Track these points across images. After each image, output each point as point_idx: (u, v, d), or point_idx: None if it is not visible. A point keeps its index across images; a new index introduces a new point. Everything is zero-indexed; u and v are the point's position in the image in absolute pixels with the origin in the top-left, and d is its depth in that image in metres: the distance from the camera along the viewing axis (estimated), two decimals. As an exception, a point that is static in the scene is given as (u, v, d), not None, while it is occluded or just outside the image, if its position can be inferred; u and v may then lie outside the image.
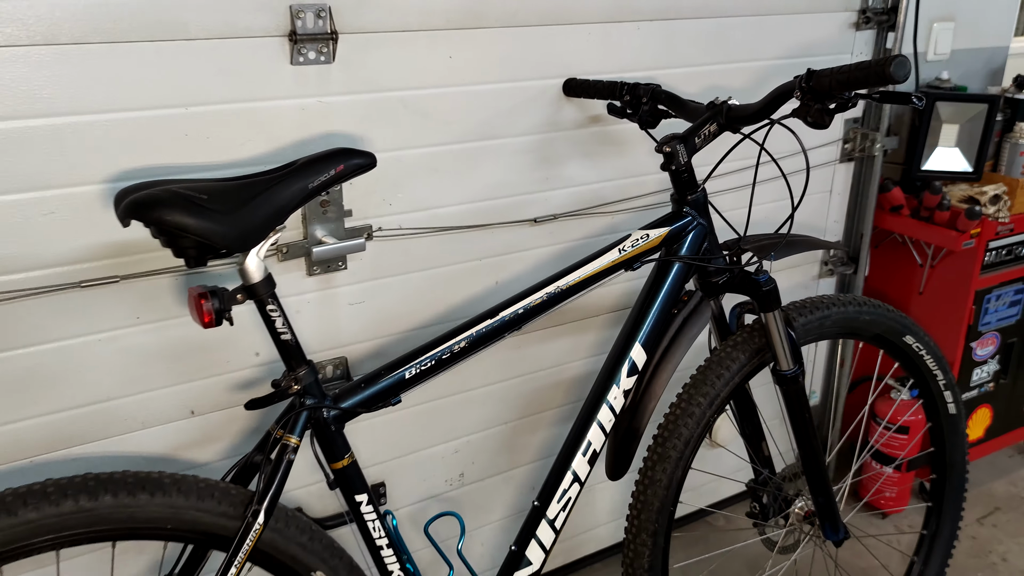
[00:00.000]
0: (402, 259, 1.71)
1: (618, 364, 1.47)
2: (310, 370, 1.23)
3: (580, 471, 1.46)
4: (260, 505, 1.17)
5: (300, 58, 1.46)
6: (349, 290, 1.67)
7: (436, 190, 1.70)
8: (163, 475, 1.16)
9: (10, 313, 1.36)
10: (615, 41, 1.81)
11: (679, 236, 1.49)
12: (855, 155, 2.32)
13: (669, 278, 1.49)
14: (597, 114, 1.84)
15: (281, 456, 1.20)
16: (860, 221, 2.38)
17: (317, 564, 1.26)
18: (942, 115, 2.31)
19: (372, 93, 1.56)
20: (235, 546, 1.16)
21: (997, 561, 2.33)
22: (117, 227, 1.38)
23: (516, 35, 1.68)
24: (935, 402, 1.88)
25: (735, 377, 1.57)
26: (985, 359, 2.45)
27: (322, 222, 1.58)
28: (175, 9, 1.33)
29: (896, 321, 1.76)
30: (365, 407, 1.27)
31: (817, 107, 1.30)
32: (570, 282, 1.41)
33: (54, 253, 1.37)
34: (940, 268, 2.37)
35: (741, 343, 1.58)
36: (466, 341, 1.34)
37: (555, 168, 1.84)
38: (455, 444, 1.93)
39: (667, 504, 1.54)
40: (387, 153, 1.61)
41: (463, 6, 1.60)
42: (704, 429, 1.56)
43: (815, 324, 1.64)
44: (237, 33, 1.40)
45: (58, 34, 1.27)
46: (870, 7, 2.18)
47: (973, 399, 2.49)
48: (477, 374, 1.90)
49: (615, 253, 1.44)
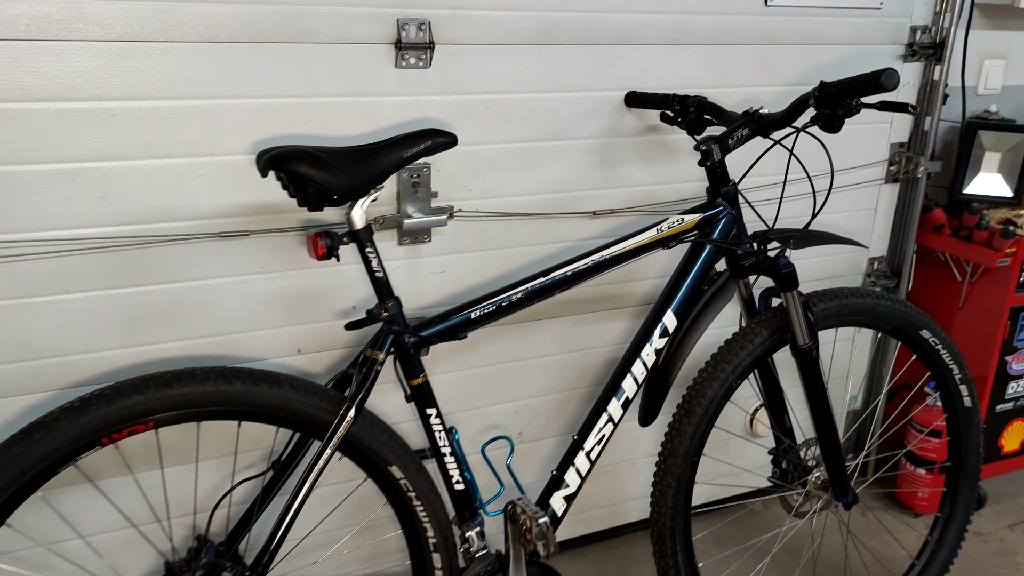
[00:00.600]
0: (478, 238, 2.01)
1: (653, 326, 1.74)
2: (396, 303, 1.54)
3: (614, 413, 1.73)
4: (352, 404, 1.48)
5: (403, 63, 1.80)
6: (432, 260, 1.98)
7: (509, 181, 2.01)
8: (280, 373, 1.49)
9: (164, 254, 1.72)
10: (673, 61, 2.09)
11: (711, 222, 1.76)
12: (900, 177, 2.53)
13: (701, 258, 1.76)
14: (655, 124, 2.12)
15: (370, 368, 1.51)
16: (904, 239, 2.58)
17: (393, 460, 1.56)
18: (985, 143, 2.50)
19: (460, 95, 1.88)
20: (329, 434, 1.48)
21: (1021, 562, 2.47)
22: (251, 190, 1.73)
23: (585, 52, 1.98)
24: (951, 394, 2.07)
25: (757, 349, 1.81)
26: (1021, 373, 2.60)
27: (412, 200, 1.90)
28: (307, 18, 1.68)
29: (913, 316, 1.97)
30: (438, 337, 1.58)
31: (827, 113, 1.56)
32: (612, 253, 1.69)
33: (201, 208, 1.72)
34: (978, 285, 2.54)
35: (765, 321, 1.83)
36: (522, 293, 1.63)
37: (614, 169, 2.12)
38: (516, 405, 2.22)
39: (691, 453, 1.79)
40: (469, 146, 1.93)
41: (540, 26, 1.91)
42: (727, 392, 1.80)
43: (834, 310, 1.87)
44: (353, 39, 1.74)
45: (217, 33, 1.63)
46: (917, 41, 2.40)
47: (1008, 411, 2.64)
48: (538, 345, 2.19)
49: (653, 232, 1.72)
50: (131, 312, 1.73)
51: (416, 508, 1.60)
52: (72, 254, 1.65)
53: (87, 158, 1.61)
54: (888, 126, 2.47)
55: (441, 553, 1.64)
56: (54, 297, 1.66)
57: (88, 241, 1.65)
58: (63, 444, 1.36)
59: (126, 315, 1.72)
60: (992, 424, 2.63)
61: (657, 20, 2.04)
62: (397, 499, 1.60)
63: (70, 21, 1.52)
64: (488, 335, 2.10)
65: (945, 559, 2.14)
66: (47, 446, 1.35)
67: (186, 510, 1.85)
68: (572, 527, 2.45)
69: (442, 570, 1.64)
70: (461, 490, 1.63)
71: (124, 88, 1.59)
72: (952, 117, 2.61)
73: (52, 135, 1.57)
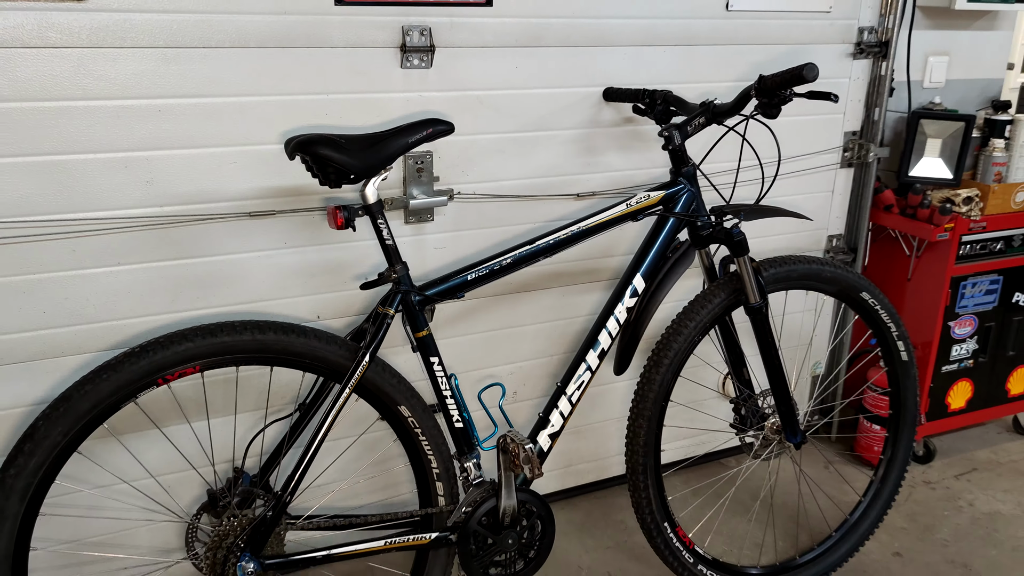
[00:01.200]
0: (476, 217, 2.29)
1: (624, 288, 2.02)
2: (404, 267, 1.82)
3: (592, 363, 2.00)
4: (366, 351, 1.76)
5: (407, 64, 2.07)
6: (434, 237, 2.26)
7: (502, 167, 2.28)
8: (306, 326, 1.77)
9: (201, 231, 2.00)
10: (645, 60, 2.37)
11: (673, 198, 2.04)
12: (854, 162, 2.81)
13: (665, 229, 2.04)
14: (630, 116, 2.40)
15: (381, 322, 1.78)
16: (858, 218, 2.86)
17: (402, 400, 1.84)
18: (927, 131, 2.79)
19: (457, 91, 2.16)
20: (347, 377, 1.75)
21: (964, 505, 2.75)
22: (276, 175, 2.01)
23: (568, 53, 2.26)
24: (890, 350, 2.35)
25: (716, 308, 2.09)
26: (963, 338, 2.88)
27: (417, 184, 2.18)
28: (323, 26, 1.96)
29: (854, 280, 2.24)
30: (440, 296, 1.85)
31: (766, 102, 1.84)
32: (588, 224, 1.97)
33: (233, 191, 2.00)
34: (924, 258, 2.82)
35: (722, 284, 2.11)
36: (511, 259, 1.91)
37: (595, 156, 2.40)
38: (511, 367, 2.49)
39: (659, 398, 2.07)
40: (466, 136, 2.20)
41: (527, 31, 2.18)
42: (690, 346, 2.08)
43: (783, 274, 2.15)
44: (365, 44, 2.02)
45: (247, 39, 1.91)
46: (864, 41, 2.68)
47: (953, 372, 2.92)
48: (530, 314, 2.46)
49: (623, 206, 2.00)
50: (173, 282, 2.00)
51: (422, 443, 1.88)
52: (123, 231, 1.92)
53: (137, 148, 1.88)
54: (842, 116, 2.75)
55: (443, 482, 1.92)
56: (107, 268, 1.94)
57: (137, 220, 1.93)
58: (125, 383, 1.63)
59: (169, 284, 2.00)
60: (939, 384, 2.91)
61: (631, 24, 2.32)
62: (405, 436, 1.88)
63: (123, 31, 1.79)
64: (485, 305, 2.38)
65: (888, 495, 2.42)
66: (113, 384, 1.62)
67: (225, 449, 2.13)
68: (563, 479, 2.73)
69: (444, 496, 1.92)
70: (460, 428, 1.91)
71: (169, 87, 1.87)
72: (900, 108, 2.89)
73: (108, 128, 1.84)
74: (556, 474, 2.70)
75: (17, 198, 1.81)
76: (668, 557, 2.17)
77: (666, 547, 2.15)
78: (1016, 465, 3.00)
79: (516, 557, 1.95)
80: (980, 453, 3.07)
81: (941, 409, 2.96)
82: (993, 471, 2.95)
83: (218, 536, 1.71)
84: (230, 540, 1.70)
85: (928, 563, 2.48)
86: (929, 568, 2.45)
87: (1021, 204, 2.79)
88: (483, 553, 1.91)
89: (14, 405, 1.92)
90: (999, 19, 3.01)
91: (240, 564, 1.68)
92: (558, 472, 2.71)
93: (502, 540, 1.91)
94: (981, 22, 2.98)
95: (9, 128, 1.76)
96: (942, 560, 2.49)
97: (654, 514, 2.12)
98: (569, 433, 2.67)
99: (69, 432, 1.58)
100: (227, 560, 1.69)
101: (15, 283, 1.85)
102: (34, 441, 1.55)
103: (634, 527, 2.57)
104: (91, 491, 2.03)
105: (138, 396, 1.67)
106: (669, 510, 2.16)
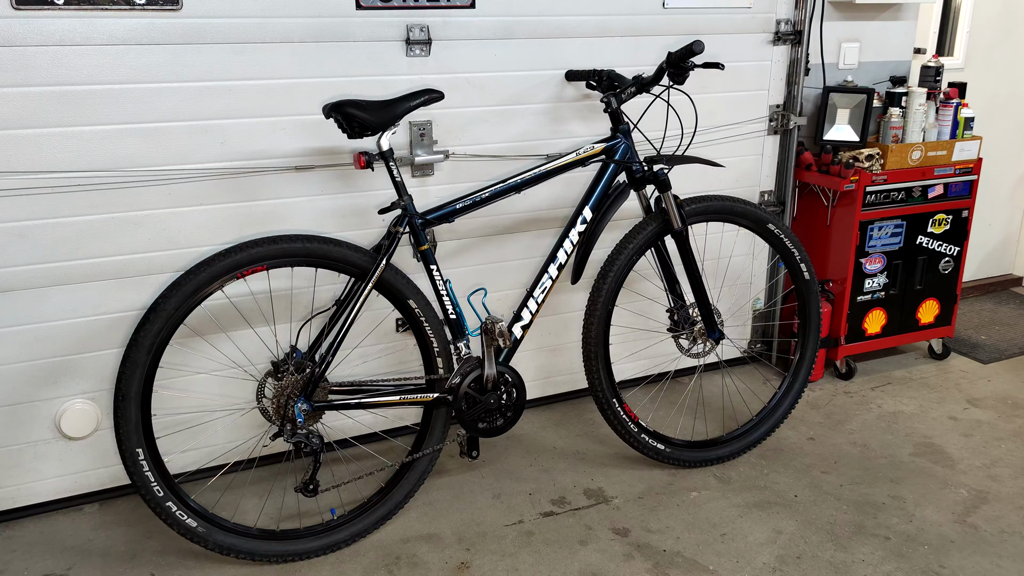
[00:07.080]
0: (468, 173, 2.96)
1: (576, 217, 2.68)
2: (410, 198, 2.48)
3: (552, 273, 2.67)
4: (383, 258, 2.43)
5: (411, 53, 2.76)
6: (437, 188, 2.94)
7: (487, 133, 2.95)
8: (341, 239, 2.44)
9: (261, 180, 2.69)
10: (598, 48, 3.04)
11: (613, 149, 2.70)
12: (778, 129, 3.46)
13: (607, 173, 2.70)
14: (588, 93, 3.07)
15: (393, 237, 2.45)
16: (785, 175, 3.51)
17: (410, 296, 2.51)
18: (837, 103, 3.43)
19: (450, 74, 2.84)
20: (370, 275, 2.42)
21: (873, 407, 3.38)
22: (316, 138, 2.69)
23: (536, 43, 2.93)
24: (796, 271, 2.99)
25: (650, 234, 2.75)
26: (874, 273, 3.51)
27: (420, 146, 2.85)
28: (348, 26, 2.65)
29: (761, 214, 2.89)
30: (437, 220, 2.52)
31: (673, 72, 2.51)
32: (547, 168, 2.63)
33: (284, 150, 2.69)
34: (839, 207, 3.46)
35: (654, 215, 2.76)
36: (489, 192, 2.57)
37: (561, 125, 3.07)
38: (498, 295, 3.16)
39: (607, 301, 2.72)
40: (457, 109, 2.88)
41: (503, 26, 2.86)
42: (629, 264, 2.74)
43: (702, 208, 2.80)
44: (378, 38, 2.70)
45: (291, 37, 2.60)
46: (780, 31, 3.33)
47: (867, 302, 3.54)
48: (512, 251, 3.12)
49: (573, 155, 2.66)
50: (240, 218, 2.69)
51: (425, 328, 2.55)
52: (204, 180, 2.61)
53: (214, 117, 2.58)
54: (766, 92, 3.41)
55: (442, 357, 2.58)
56: (193, 208, 2.63)
57: (214, 171, 2.62)
58: (218, 273, 2.30)
59: (237, 220, 2.69)
60: (855, 312, 3.53)
61: (586, 20, 2.99)
62: (414, 322, 2.55)
63: (206, 32, 2.49)
64: (478, 244, 3.05)
65: (798, 387, 3.06)
66: (208, 274, 2.30)
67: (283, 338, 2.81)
68: (543, 388, 3.38)
69: (443, 368, 2.58)
70: (453, 319, 2.57)
71: (236, 72, 2.56)
72: (818, 85, 3.53)
73: (194, 103, 2.54)
74: (538, 383, 3.36)
75: (130, 154, 2.50)
76: (617, 426, 2.81)
77: (615, 418, 2.80)
78: (925, 381, 3.61)
79: (497, 415, 2.61)
80: (896, 372, 3.69)
81: (859, 334, 3.58)
82: (904, 384, 3.57)
83: (282, 388, 2.38)
84: (289, 390, 2.38)
85: (835, 444, 3.10)
86: (835, 448, 3.08)
87: (917, 161, 3.43)
88: (472, 410, 2.57)
89: (128, 309, 2.62)
90: (903, 11, 3.64)
91: (296, 405, 2.36)
92: (540, 382, 3.36)
93: (486, 400, 2.58)
94: (887, 14, 3.62)
95: (122, 103, 2.45)
96: (846, 442, 3.11)
97: (605, 392, 2.77)
98: (548, 351, 3.32)
99: (179, 307, 2.27)
100: (287, 403, 2.37)
101: (130, 217, 2.55)
102: (156, 311, 2.24)
103: (600, 422, 3.22)
104: (200, 360, 2.72)
105: (224, 285, 2.35)
106: (617, 390, 2.80)
